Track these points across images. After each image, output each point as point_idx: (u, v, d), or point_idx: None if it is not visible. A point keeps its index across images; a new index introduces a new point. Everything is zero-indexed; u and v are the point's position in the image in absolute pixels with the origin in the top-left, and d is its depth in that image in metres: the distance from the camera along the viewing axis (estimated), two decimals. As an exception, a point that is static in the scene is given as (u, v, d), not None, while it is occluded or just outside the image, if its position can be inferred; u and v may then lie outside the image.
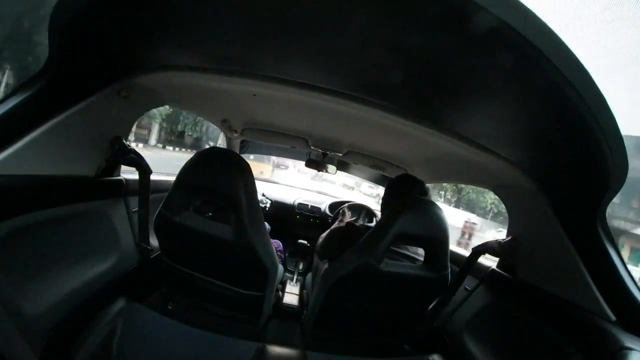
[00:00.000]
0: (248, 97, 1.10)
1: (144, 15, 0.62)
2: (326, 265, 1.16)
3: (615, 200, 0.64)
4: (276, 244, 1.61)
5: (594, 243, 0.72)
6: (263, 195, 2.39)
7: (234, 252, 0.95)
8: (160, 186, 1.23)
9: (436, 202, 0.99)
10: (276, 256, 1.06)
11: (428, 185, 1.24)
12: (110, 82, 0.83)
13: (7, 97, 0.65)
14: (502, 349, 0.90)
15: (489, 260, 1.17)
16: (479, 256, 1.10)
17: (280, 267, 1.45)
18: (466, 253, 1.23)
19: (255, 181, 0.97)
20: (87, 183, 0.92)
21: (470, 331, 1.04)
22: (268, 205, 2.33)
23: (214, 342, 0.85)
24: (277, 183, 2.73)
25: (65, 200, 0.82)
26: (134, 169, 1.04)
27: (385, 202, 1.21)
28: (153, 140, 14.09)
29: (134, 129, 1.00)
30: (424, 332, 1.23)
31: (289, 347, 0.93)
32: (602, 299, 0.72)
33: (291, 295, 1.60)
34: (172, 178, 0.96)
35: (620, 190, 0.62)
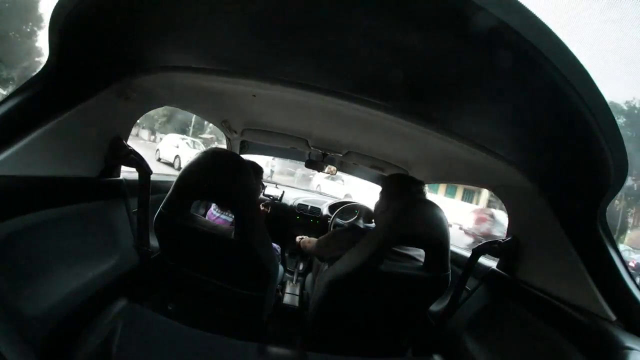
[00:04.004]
0: (248, 97, 1.10)
1: (144, 16, 0.62)
2: (326, 266, 1.16)
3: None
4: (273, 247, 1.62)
5: (594, 243, 0.72)
6: (277, 187, 2.54)
7: (235, 253, 0.95)
8: (161, 186, 1.23)
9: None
10: (276, 256, 1.06)
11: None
12: (110, 82, 0.83)
13: (8, 97, 0.65)
14: (502, 349, 0.90)
15: (489, 260, 1.17)
16: (479, 256, 1.10)
17: (280, 268, 1.45)
18: (466, 253, 1.23)
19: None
20: (87, 184, 0.92)
21: (470, 331, 1.04)
22: (280, 195, 2.44)
23: (213, 343, 0.85)
24: (278, 183, 2.74)
25: (65, 201, 0.82)
26: (134, 169, 1.04)
27: (384, 202, 1.21)
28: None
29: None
30: (424, 332, 1.23)
31: (289, 347, 0.93)
32: (602, 299, 0.72)
33: (291, 295, 1.60)
34: (173, 178, 0.96)
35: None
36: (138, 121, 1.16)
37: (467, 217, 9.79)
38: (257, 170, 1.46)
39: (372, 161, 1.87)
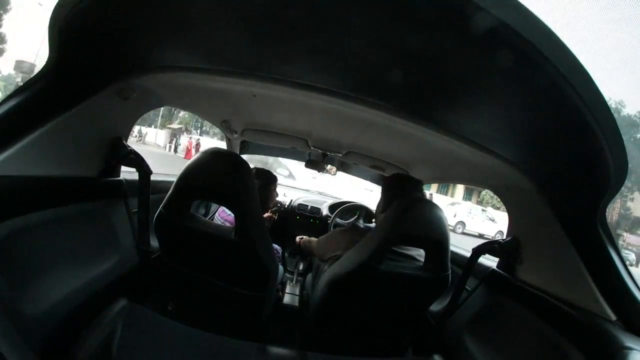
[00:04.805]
0: (248, 97, 1.10)
1: (144, 16, 0.62)
2: (326, 266, 1.16)
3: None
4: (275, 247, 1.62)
5: (594, 243, 0.72)
6: (285, 195, 2.53)
7: (235, 253, 0.95)
8: (161, 187, 1.23)
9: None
10: (276, 257, 1.06)
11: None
12: (110, 82, 0.83)
13: (8, 97, 0.65)
14: (502, 349, 0.90)
15: (489, 261, 1.17)
16: (479, 256, 1.10)
17: (281, 268, 1.45)
18: (466, 253, 1.23)
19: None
20: (87, 184, 0.92)
21: (470, 331, 1.04)
22: (287, 203, 2.44)
23: (213, 343, 0.85)
24: (287, 187, 2.75)
25: (65, 201, 0.82)
26: (134, 169, 1.04)
27: (384, 202, 1.21)
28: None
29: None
30: (424, 332, 1.23)
31: (289, 347, 0.93)
32: (602, 299, 0.72)
33: (291, 295, 1.59)
34: (173, 179, 0.96)
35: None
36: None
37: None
38: (271, 178, 1.49)
39: (372, 161, 1.87)
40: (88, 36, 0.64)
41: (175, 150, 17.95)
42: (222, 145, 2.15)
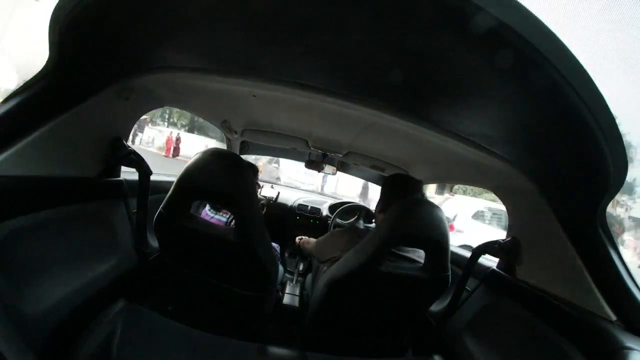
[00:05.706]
0: (248, 98, 1.10)
1: (145, 16, 0.62)
2: (326, 267, 1.16)
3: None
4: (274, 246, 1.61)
5: (594, 243, 0.72)
6: (272, 187, 2.52)
7: (235, 253, 0.95)
8: (161, 187, 1.23)
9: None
10: (276, 257, 1.06)
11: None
12: (110, 83, 0.83)
13: (8, 97, 0.65)
14: (502, 349, 0.90)
15: (489, 261, 1.17)
16: (479, 256, 1.10)
17: (281, 268, 1.45)
18: (466, 253, 1.23)
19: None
20: (87, 184, 0.92)
21: (470, 331, 1.04)
22: (275, 196, 2.40)
23: (213, 343, 0.85)
24: (278, 184, 2.74)
25: (65, 201, 0.82)
26: (134, 169, 1.04)
27: (383, 202, 1.20)
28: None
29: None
30: (424, 332, 1.23)
31: (289, 347, 0.93)
32: (602, 298, 0.72)
33: (291, 295, 1.59)
34: (173, 179, 0.96)
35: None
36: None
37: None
38: (253, 170, 1.47)
39: (372, 161, 1.87)
40: (88, 37, 0.64)
41: (133, 142, 17.39)
42: (196, 138, 2.14)
